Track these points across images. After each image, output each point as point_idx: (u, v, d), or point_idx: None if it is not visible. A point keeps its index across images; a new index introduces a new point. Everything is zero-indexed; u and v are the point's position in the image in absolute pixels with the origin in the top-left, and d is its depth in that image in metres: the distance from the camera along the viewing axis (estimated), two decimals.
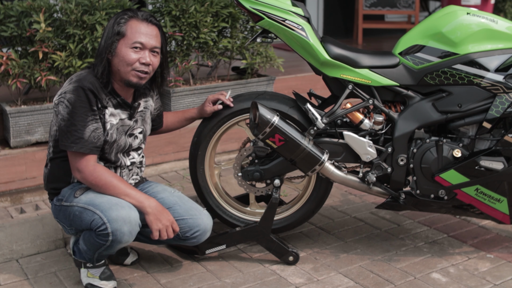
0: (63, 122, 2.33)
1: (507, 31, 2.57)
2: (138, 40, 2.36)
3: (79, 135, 2.31)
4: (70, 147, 2.32)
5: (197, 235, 2.52)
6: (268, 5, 2.52)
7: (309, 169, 2.58)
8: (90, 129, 2.33)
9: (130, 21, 2.38)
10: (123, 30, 2.36)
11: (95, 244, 2.35)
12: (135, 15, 2.39)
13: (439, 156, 2.60)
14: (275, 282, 2.56)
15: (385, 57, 2.63)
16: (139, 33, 2.37)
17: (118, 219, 2.28)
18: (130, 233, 2.31)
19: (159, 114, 2.77)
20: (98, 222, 2.29)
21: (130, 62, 2.36)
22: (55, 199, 2.50)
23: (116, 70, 2.39)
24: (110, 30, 2.37)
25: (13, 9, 3.51)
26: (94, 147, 2.34)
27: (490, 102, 2.56)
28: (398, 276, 2.61)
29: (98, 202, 2.33)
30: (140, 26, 2.38)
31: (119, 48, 2.36)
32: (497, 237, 2.97)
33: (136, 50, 2.37)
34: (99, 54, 2.39)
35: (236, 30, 4.12)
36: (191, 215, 2.51)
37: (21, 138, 3.53)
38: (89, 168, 2.33)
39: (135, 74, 2.38)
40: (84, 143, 2.31)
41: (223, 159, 4.00)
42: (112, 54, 2.37)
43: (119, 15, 2.40)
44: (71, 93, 2.32)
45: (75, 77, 2.38)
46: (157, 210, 2.36)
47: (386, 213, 3.26)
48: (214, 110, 2.73)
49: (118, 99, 2.44)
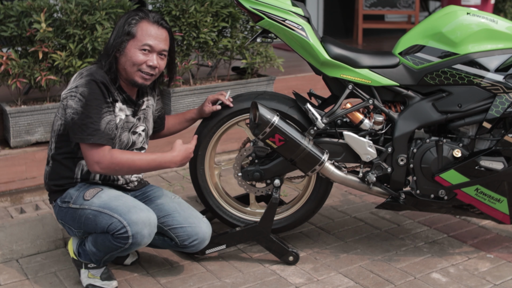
0: (77, 115, 2.31)
1: (507, 31, 2.57)
2: (148, 43, 2.38)
3: (96, 127, 2.30)
4: (87, 139, 2.29)
5: (195, 244, 2.52)
6: (268, 5, 2.52)
7: (309, 169, 2.58)
8: (106, 121, 2.33)
9: (141, 22, 2.39)
10: (134, 31, 2.37)
11: (111, 247, 2.34)
12: (146, 17, 2.40)
13: (439, 156, 2.60)
14: (275, 282, 2.56)
15: (385, 57, 2.63)
16: (149, 36, 2.38)
17: (138, 222, 2.28)
18: (150, 236, 2.32)
19: (161, 116, 2.77)
20: (117, 225, 2.28)
21: (137, 63, 2.38)
22: (58, 200, 2.48)
23: (123, 69, 2.41)
24: (120, 29, 2.38)
25: (13, 9, 3.52)
26: (110, 138, 2.34)
27: (490, 102, 2.56)
28: (398, 276, 2.61)
29: (114, 205, 2.32)
30: (150, 28, 2.39)
31: (128, 48, 2.37)
32: (497, 237, 2.97)
33: (145, 52, 2.38)
34: (106, 51, 2.40)
35: (236, 30, 4.12)
36: (190, 223, 2.50)
37: (21, 138, 3.53)
38: (106, 157, 2.32)
39: (141, 75, 2.40)
40: (101, 135, 2.30)
41: (223, 159, 4.00)
42: (121, 53, 2.38)
43: (130, 14, 2.41)
44: (83, 87, 2.32)
45: (85, 71, 2.39)
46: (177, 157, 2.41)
47: (386, 213, 3.26)
48: (213, 110, 2.73)
49: (124, 95, 2.45)
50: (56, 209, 2.50)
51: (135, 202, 2.35)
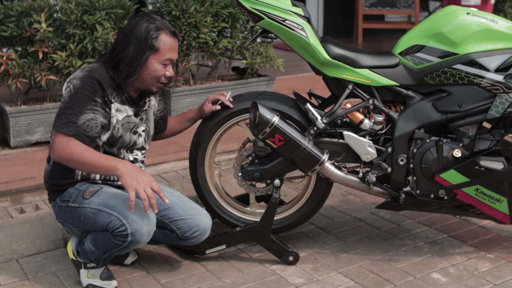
0: (63, 104, 2.34)
1: (507, 31, 2.57)
2: (170, 57, 2.41)
3: (73, 119, 2.30)
4: (60, 127, 2.29)
5: (197, 235, 2.52)
6: (268, 5, 2.53)
7: (309, 169, 2.58)
8: (86, 118, 2.31)
9: (161, 35, 2.38)
10: (157, 46, 2.37)
11: (110, 245, 2.34)
12: (164, 27, 2.39)
13: (439, 156, 2.60)
14: (275, 282, 2.56)
15: (385, 57, 2.63)
16: (171, 50, 2.41)
17: (137, 220, 2.28)
18: (149, 234, 2.33)
19: (163, 117, 2.77)
20: (117, 223, 2.29)
21: (159, 76, 2.42)
22: (58, 199, 2.49)
23: (141, 79, 2.43)
24: (141, 41, 2.35)
25: (13, 9, 3.51)
26: (84, 135, 2.31)
27: (490, 102, 2.56)
28: (398, 276, 2.61)
29: (114, 203, 2.33)
30: (171, 41, 2.41)
31: (150, 62, 2.39)
32: (497, 237, 2.97)
33: (165, 66, 2.42)
34: (128, 63, 2.35)
35: (236, 30, 4.12)
36: (191, 215, 2.51)
37: (21, 138, 3.53)
38: (62, 144, 2.27)
39: (157, 86, 2.46)
40: (75, 128, 2.29)
41: (223, 159, 4.00)
42: (141, 66, 2.38)
43: (148, 25, 2.36)
44: (78, 80, 2.35)
45: (87, 67, 2.41)
46: (132, 170, 2.21)
47: (386, 213, 3.26)
48: (213, 110, 2.73)
49: (126, 95, 2.46)
50: (56, 208, 2.50)
51: (137, 201, 2.34)
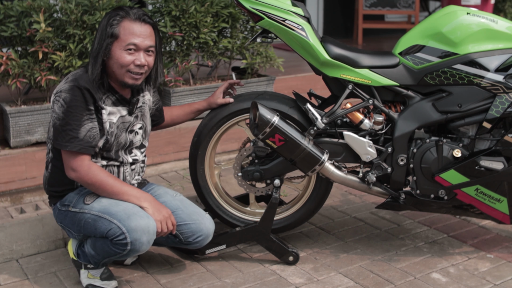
0: (58, 121, 2.31)
1: (507, 31, 2.57)
2: (132, 42, 2.33)
3: (74, 134, 2.30)
4: (65, 146, 2.30)
5: (200, 240, 2.52)
6: (268, 5, 2.52)
7: (309, 169, 2.58)
8: (86, 129, 2.32)
9: (122, 22, 2.34)
10: (116, 32, 2.32)
11: (109, 252, 2.34)
12: (127, 15, 2.35)
13: (439, 156, 2.60)
14: (275, 282, 2.56)
15: (385, 57, 2.63)
16: (133, 35, 2.33)
17: (137, 229, 2.26)
18: (148, 243, 2.31)
19: (158, 109, 2.75)
20: (116, 231, 2.27)
21: (125, 64, 2.34)
22: (58, 203, 2.48)
23: (111, 72, 2.38)
24: (103, 32, 2.34)
25: (13, 9, 3.51)
26: (89, 146, 2.33)
27: (490, 102, 2.56)
28: (398, 276, 2.61)
29: (114, 211, 2.31)
30: (133, 26, 2.34)
31: (113, 51, 2.34)
32: (497, 237, 2.97)
33: (131, 52, 2.34)
34: (93, 55, 2.36)
35: (236, 30, 4.12)
36: (194, 220, 2.50)
37: (21, 138, 3.53)
38: (84, 167, 2.32)
39: (130, 76, 2.37)
40: (78, 142, 2.30)
41: (223, 159, 4.00)
42: (107, 56, 2.34)
43: (111, 15, 2.36)
44: (66, 92, 2.31)
45: (71, 76, 2.37)
46: (155, 203, 2.38)
47: (386, 213, 3.26)
48: (226, 103, 2.74)
49: (117, 96, 2.43)
50: (56, 212, 2.50)
51: (135, 209, 2.33)
